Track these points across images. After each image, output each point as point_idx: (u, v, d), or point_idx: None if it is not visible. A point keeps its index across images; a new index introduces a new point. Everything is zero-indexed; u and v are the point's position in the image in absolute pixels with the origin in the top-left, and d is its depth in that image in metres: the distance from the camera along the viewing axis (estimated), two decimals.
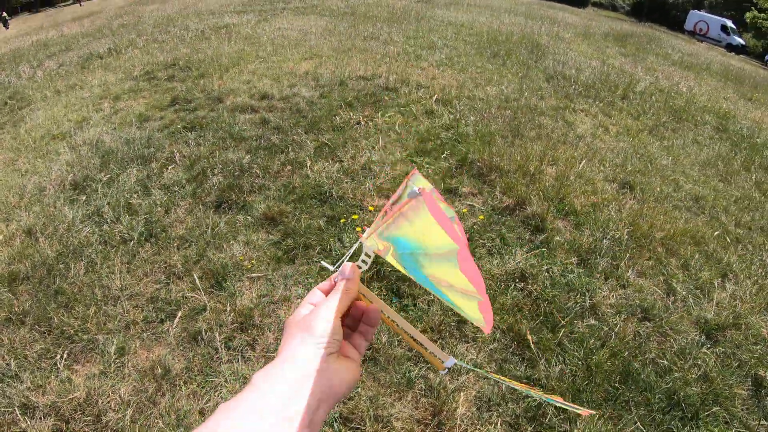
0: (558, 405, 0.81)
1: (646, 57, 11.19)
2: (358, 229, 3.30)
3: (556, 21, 14.24)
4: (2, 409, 2.27)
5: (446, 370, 0.64)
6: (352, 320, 0.65)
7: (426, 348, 0.64)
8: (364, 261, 0.64)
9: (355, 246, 0.64)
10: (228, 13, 12.78)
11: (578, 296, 2.84)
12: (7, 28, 29.52)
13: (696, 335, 2.73)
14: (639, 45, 12.97)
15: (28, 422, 2.18)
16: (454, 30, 10.26)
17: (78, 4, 37.08)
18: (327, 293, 0.62)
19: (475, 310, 0.62)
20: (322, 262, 0.67)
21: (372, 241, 0.62)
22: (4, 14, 32.67)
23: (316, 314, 0.55)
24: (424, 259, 0.65)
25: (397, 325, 0.65)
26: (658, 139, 5.72)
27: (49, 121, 5.89)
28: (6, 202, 4.07)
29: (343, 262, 0.64)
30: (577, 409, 0.74)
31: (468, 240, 3.21)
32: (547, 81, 7.12)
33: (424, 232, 0.65)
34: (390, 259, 0.62)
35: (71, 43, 11.79)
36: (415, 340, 0.64)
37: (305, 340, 0.52)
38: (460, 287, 0.63)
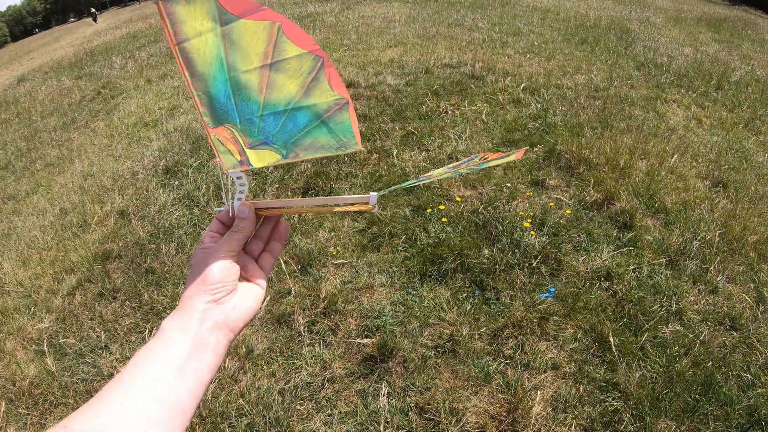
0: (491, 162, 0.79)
1: (741, 43, 10.31)
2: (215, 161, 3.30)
3: (645, 5, 13.42)
4: (90, 378, 2.46)
5: (375, 207, 0.64)
6: (260, 240, 0.67)
7: (347, 203, 0.65)
8: (241, 191, 0.64)
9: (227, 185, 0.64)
10: (311, 1, 13.01)
11: (664, 299, 2.69)
12: (96, 22, 31.69)
13: None
14: (734, 30, 11.98)
15: None
16: (539, 15, 9.93)
17: (137, 2, 39.25)
18: (225, 224, 0.65)
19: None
20: (215, 209, 0.66)
21: (228, 161, 0.62)
22: (93, 9, 35.19)
23: (208, 262, 0.58)
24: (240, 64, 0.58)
25: (312, 207, 0.66)
26: (754, 134, 5.28)
27: (141, 108, 6.28)
28: (101, 185, 4.39)
29: (233, 199, 0.65)
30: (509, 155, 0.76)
31: (554, 235, 3.13)
32: (637, 69, 6.73)
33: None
34: (258, 159, 0.62)
35: (160, 34, 12.45)
36: (335, 205, 0.65)
37: (199, 290, 0.56)
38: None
